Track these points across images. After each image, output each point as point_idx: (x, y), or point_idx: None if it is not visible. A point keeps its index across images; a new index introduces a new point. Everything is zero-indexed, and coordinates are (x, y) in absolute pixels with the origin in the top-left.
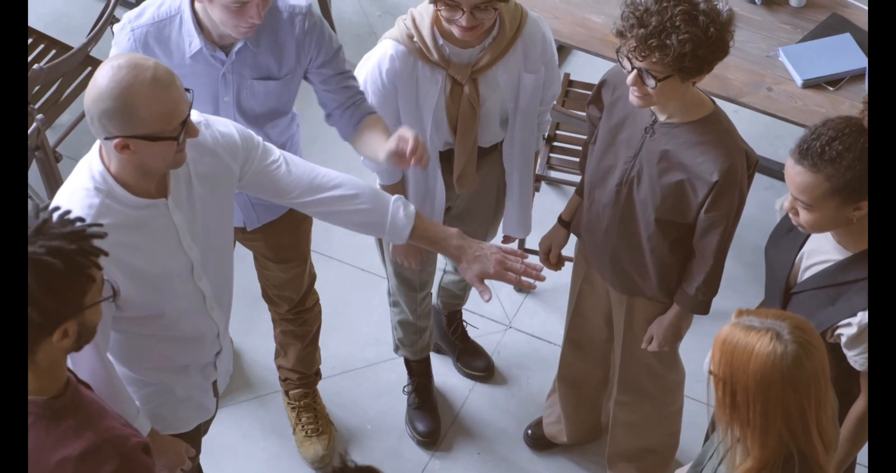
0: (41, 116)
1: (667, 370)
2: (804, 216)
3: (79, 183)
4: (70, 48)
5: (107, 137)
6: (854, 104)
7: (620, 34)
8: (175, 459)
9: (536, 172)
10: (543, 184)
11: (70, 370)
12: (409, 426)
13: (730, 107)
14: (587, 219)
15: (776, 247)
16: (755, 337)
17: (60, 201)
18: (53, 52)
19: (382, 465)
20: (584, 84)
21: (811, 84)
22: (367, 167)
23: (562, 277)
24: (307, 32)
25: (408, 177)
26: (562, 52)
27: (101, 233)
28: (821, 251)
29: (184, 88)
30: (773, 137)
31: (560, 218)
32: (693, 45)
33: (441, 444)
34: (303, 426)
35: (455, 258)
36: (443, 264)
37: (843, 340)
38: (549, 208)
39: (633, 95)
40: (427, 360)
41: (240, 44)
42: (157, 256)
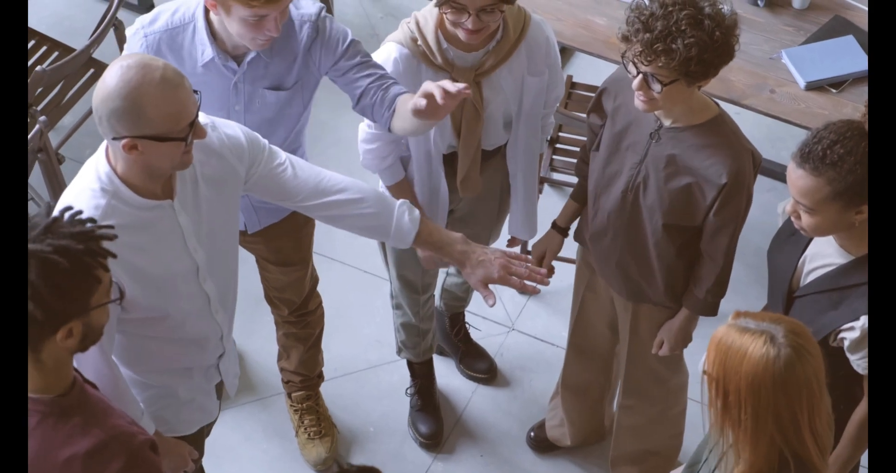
0: (44, 118)
1: (672, 374)
2: (806, 220)
3: (85, 184)
4: (72, 50)
5: (115, 138)
6: (857, 106)
7: (626, 39)
8: (179, 461)
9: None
10: (546, 186)
11: (76, 370)
12: (412, 428)
13: (732, 109)
14: (593, 227)
15: (779, 251)
16: (749, 339)
17: (66, 201)
18: (56, 55)
19: (385, 467)
20: (587, 86)
21: (814, 86)
22: (369, 170)
23: (564, 279)
24: (314, 40)
25: (412, 179)
26: (564, 54)
27: (111, 235)
28: (823, 255)
29: (192, 90)
30: (776, 138)
31: (555, 223)
32: (699, 50)
33: (444, 446)
34: (305, 428)
35: (459, 263)
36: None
37: (846, 344)
38: (552, 210)
39: (639, 100)
40: (430, 362)
41: (252, 54)
42: (163, 257)
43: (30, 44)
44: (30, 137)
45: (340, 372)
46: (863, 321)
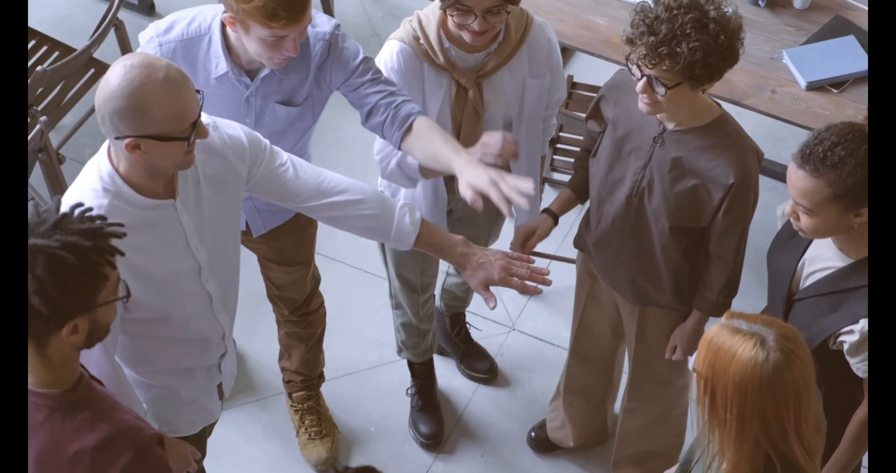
0: (44, 118)
1: (676, 376)
2: (805, 221)
3: (87, 184)
4: (73, 50)
5: (117, 137)
6: (858, 107)
7: (630, 42)
8: (181, 461)
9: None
10: (547, 186)
11: (82, 366)
12: (413, 428)
13: (733, 109)
14: (597, 233)
15: (778, 254)
16: (740, 341)
17: (69, 201)
18: (56, 55)
19: (385, 468)
20: (588, 86)
21: (815, 86)
22: (395, 182)
23: (565, 279)
24: (326, 58)
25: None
26: (565, 54)
27: (120, 233)
28: (822, 258)
29: (195, 89)
30: (776, 138)
31: (547, 209)
32: (703, 54)
33: (444, 446)
34: (306, 428)
35: (459, 266)
36: (445, 267)
37: (846, 347)
38: None
39: (643, 103)
40: (430, 362)
41: (266, 70)
42: (165, 257)
43: (30, 44)
44: (30, 137)
45: (341, 372)
46: (862, 324)
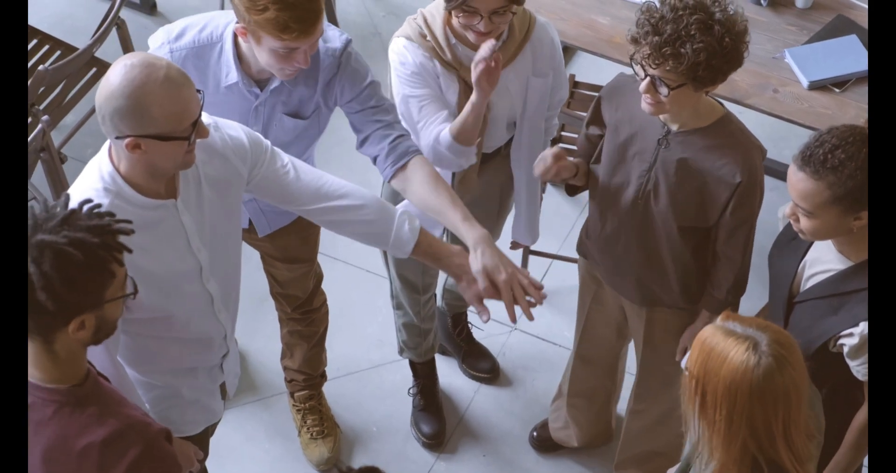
0: (46, 118)
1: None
2: (804, 223)
3: (88, 183)
4: (75, 49)
5: (118, 137)
6: (860, 106)
7: (635, 41)
8: (184, 461)
9: None
10: (549, 186)
11: (89, 362)
12: (415, 427)
13: (735, 108)
14: (602, 239)
15: (779, 256)
16: (733, 343)
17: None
18: (58, 54)
19: (388, 467)
20: (590, 85)
21: (817, 86)
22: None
23: (567, 279)
24: (335, 75)
25: None
26: (567, 54)
27: (128, 230)
28: (823, 261)
29: (196, 89)
30: (778, 138)
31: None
32: (707, 55)
33: (446, 446)
34: (308, 428)
35: (456, 277)
36: None
37: (846, 350)
38: (555, 210)
39: (646, 103)
40: (432, 362)
41: (276, 82)
42: (166, 257)
43: (32, 43)
44: (32, 136)
45: (343, 372)
46: (862, 327)
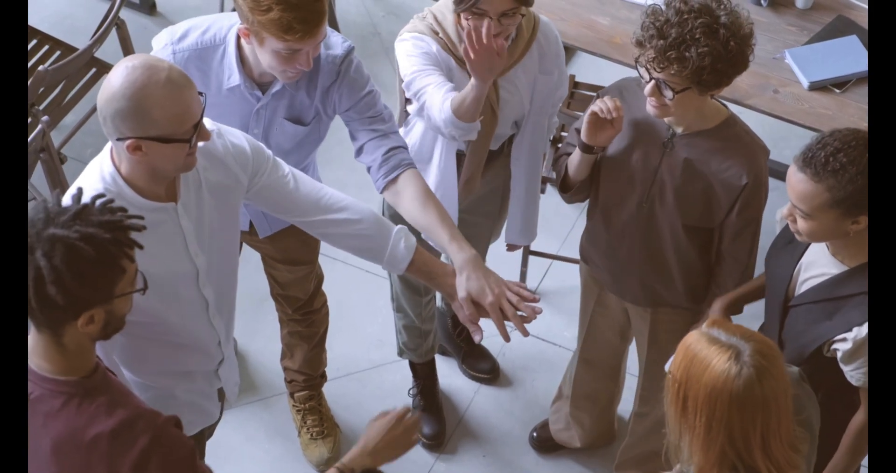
0: (46, 118)
1: None
2: (801, 224)
3: (89, 184)
4: (75, 49)
5: (119, 138)
6: (860, 106)
7: (640, 44)
8: None
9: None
10: (549, 186)
11: (97, 357)
12: None
13: (735, 109)
14: (606, 243)
15: (776, 259)
16: (716, 351)
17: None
18: (58, 54)
19: (387, 468)
20: (590, 86)
21: (817, 86)
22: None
23: (567, 279)
24: (334, 82)
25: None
26: (567, 54)
27: (140, 226)
28: (817, 264)
29: (197, 91)
30: (779, 138)
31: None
32: (712, 59)
33: (446, 446)
34: (308, 428)
35: (449, 296)
36: None
37: (839, 355)
38: (554, 209)
39: (651, 106)
40: (432, 362)
41: (277, 86)
42: (164, 260)
43: (32, 43)
44: (32, 136)
45: (343, 372)
46: (855, 332)
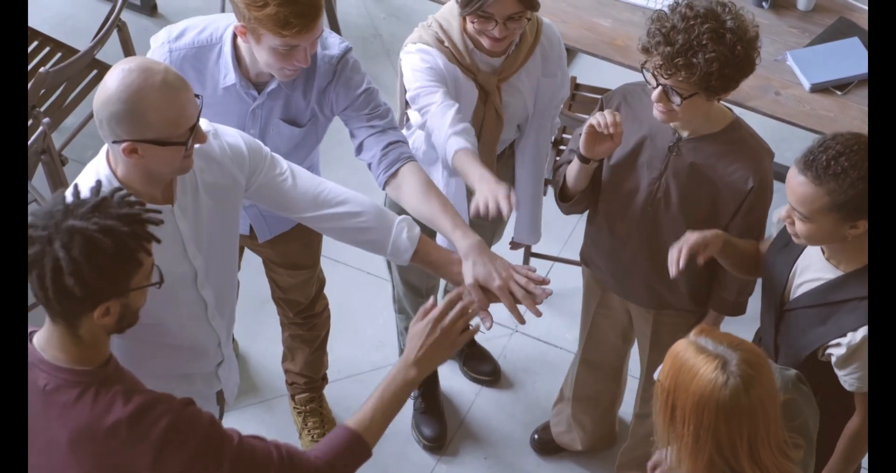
0: (47, 120)
1: None
2: (799, 227)
3: (86, 187)
4: (76, 51)
5: (115, 141)
6: (862, 108)
7: (646, 51)
8: None
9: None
10: (550, 189)
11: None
12: (416, 430)
13: (737, 111)
14: (609, 246)
15: (773, 262)
16: (703, 361)
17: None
18: (59, 55)
19: (388, 470)
20: (591, 88)
21: (819, 88)
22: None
23: (568, 281)
24: (330, 82)
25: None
26: (568, 56)
27: (158, 220)
28: (812, 269)
29: (194, 94)
30: (780, 140)
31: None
32: (720, 65)
33: (447, 449)
34: (309, 430)
35: (456, 284)
36: None
37: (833, 360)
38: (555, 212)
39: (658, 111)
40: None
41: (273, 85)
42: (162, 262)
43: (33, 45)
44: (33, 138)
45: (344, 374)
46: (850, 337)
